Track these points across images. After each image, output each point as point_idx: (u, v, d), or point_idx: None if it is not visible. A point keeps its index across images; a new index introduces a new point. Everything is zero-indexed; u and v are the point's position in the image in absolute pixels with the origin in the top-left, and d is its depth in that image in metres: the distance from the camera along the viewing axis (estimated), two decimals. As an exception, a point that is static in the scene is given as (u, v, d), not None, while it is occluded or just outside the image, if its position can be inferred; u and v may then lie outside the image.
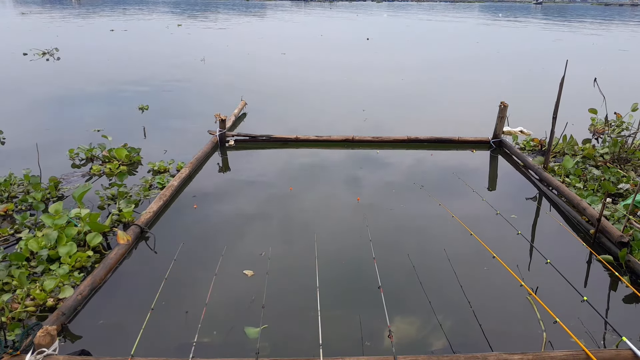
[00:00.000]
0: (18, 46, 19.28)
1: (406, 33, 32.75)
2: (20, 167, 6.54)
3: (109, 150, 7.33)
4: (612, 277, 4.59)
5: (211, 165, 7.56)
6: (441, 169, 7.51)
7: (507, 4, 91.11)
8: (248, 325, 3.82)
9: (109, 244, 5.04)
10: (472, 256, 4.86)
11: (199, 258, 4.82)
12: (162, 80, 14.07)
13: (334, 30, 33.61)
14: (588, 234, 5.38)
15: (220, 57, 19.19)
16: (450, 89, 13.89)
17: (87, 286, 4.12)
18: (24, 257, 4.45)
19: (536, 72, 16.49)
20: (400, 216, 5.88)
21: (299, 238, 5.29)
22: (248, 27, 34.18)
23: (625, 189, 6.39)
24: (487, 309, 4.15)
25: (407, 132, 8.64)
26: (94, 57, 18.26)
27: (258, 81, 14.41)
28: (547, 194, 6.48)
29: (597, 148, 7.86)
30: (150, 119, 10.03)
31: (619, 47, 24.43)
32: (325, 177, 7.12)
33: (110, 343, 3.67)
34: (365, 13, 55.96)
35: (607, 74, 14.57)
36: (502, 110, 8.25)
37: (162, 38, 25.18)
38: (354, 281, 4.48)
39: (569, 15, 53.53)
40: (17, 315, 3.84)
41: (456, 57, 20.14)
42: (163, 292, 4.03)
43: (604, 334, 3.84)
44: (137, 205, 5.91)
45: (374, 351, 3.58)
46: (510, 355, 3.32)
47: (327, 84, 14.30)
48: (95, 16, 38.73)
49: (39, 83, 13.46)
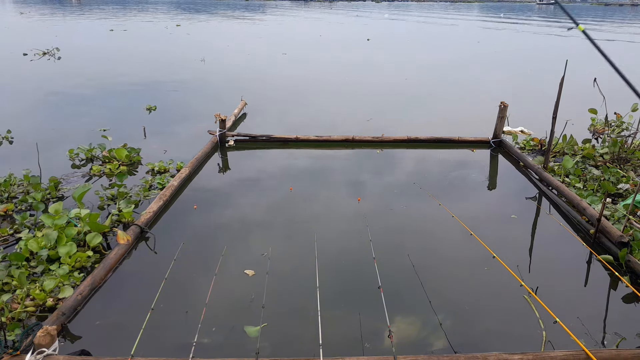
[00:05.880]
0: (18, 46, 19.26)
1: (407, 33, 32.76)
2: (20, 167, 6.54)
3: (109, 151, 7.33)
4: (612, 277, 4.59)
5: (211, 166, 7.56)
6: (441, 168, 7.51)
7: (507, 4, 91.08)
8: (248, 325, 3.82)
9: (108, 244, 5.04)
10: (472, 256, 4.86)
11: (199, 258, 4.82)
12: (162, 80, 14.06)
13: (334, 31, 33.60)
14: (588, 234, 5.38)
15: (220, 57, 19.18)
16: (450, 88, 13.88)
17: (87, 286, 4.12)
18: (23, 257, 4.45)
19: (537, 72, 16.49)
20: (401, 216, 5.88)
21: (299, 238, 5.29)
22: (248, 27, 34.17)
23: (625, 189, 6.39)
24: (487, 309, 4.16)
25: (407, 132, 8.65)
26: (94, 57, 18.26)
27: (258, 81, 14.40)
28: (547, 193, 6.48)
29: (597, 148, 7.86)
30: (150, 118, 10.03)
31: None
32: (325, 177, 7.12)
33: (110, 343, 3.67)
34: (366, 13, 55.96)
35: (607, 74, 14.55)
36: (502, 110, 8.25)
37: (162, 38, 25.18)
38: (354, 281, 4.48)
39: (578, 15, 53.24)
40: (17, 316, 3.84)
41: (456, 57, 20.13)
42: (163, 292, 4.03)
43: (604, 334, 3.83)
44: (137, 205, 5.90)
45: (374, 351, 3.58)
46: (510, 355, 3.32)
47: (327, 84, 14.29)
48: (95, 16, 38.73)
49: (41, 83, 13.45)
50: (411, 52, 22.64)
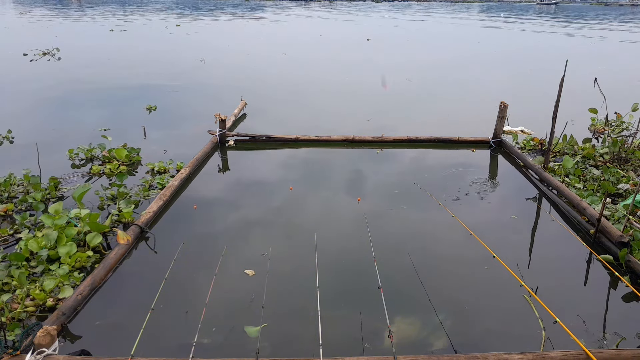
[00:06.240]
0: (18, 46, 19.27)
1: (406, 33, 32.75)
2: (20, 167, 6.54)
3: (109, 151, 7.33)
4: (612, 277, 4.59)
5: (211, 166, 7.56)
6: (441, 168, 7.50)
7: (507, 4, 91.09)
8: (248, 325, 3.82)
9: (108, 244, 5.04)
10: (472, 256, 4.86)
11: (199, 258, 4.82)
12: (162, 80, 14.05)
13: (334, 30, 33.60)
14: (588, 234, 5.38)
15: (220, 57, 19.19)
16: (450, 88, 13.88)
17: (87, 286, 4.12)
18: (23, 257, 4.45)
19: (537, 72, 16.48)
20: (400, 216, 5.88)
21: (299, 238, 5.29)
22: (248, 27, 34.18)
23: (625, 189, 6.39)
24: (487, 308, 4.16)
25: (407, 132, 8.65)
26: (94, 57, 18.26)
27: (258, 81, 14.41)
28: (547, 194, 6.48)
29: (597, 148, 7.86)
30: (150, 118, 10.03)
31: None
32: (325, 177, 7.12)
33: (110, 343, 3.67)
34: (366, 13, 55.96)
35: (607, 74, 14.56)
36: (502, 110, 8.25)
37: (162, 38, 25.19)
38: (354, 281, 4.48)
39: (579, 15, 53.57)
40: (17, 316, 3.84)
41: (456, 57, 20.13)
42: (163, 292, 4.03)
43: (604, 334, 3.83)
44: (137, 205, 5.90)
45: (374, 351, 3.58)
46: (510, 355, 3.32)
47: (327, 84, 14.30)
48: (95, 16, 38.74)
49: (41, 83, 13.45)
50: (411, 52, 22.64)
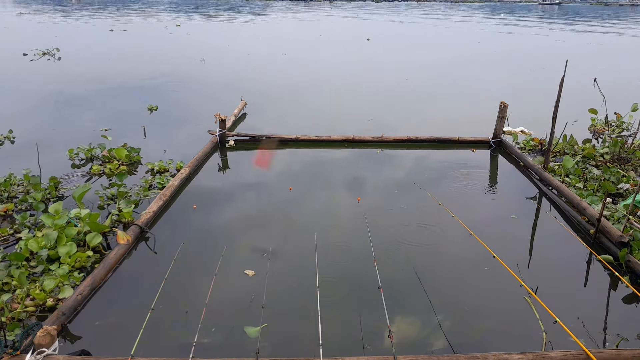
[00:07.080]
0: (18, 46, 19.26)
1: (407, 33, 32.75)
2: (20, 167, 6.53)
3: (109, 150, 7.33)
4: (612, 277, 4.59)
5: (211, 166, 7.56)
6: (441, 169, 7.50)
7: (507, 4, 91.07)
8: (248, 325, 3.82)
9: (108, 244, 5.04)
10: (472, 256, 4.86)
11: (199, 258, 4.82)
12: (162, 80, 14.06)
13: (334, 31, 33.60)
14: (588, 234, 5.38)
15: (220, 57, 19.19)
16: (450, 88, 13.88)
17: (87, 286, 4.12)
18: (23, 257, 4.45)
19: (537, 72, 16.48)
20: (400, 216, 5.88)
21: (299, 238, 5.29)
22: (248, 27, 34.17)
23: (625, 189, 6.39)
24: (487, 309, 4.16)
25: (407, 132, 8.64)
26: (94, 57, 18.26)
27: (258, 81, 14.41)
28: (547, 193, 6.48)
29: (597, 148, 7.86)
30: (151, 118, 10.03)
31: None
32: (325, 177, 7.12)
33: (110, 343, 3.67)
34: (366, 13, 55.95)
35: (607, 74, 14.56)
36: (502, 110, 8.25)
37: (162, 38, 25.19)
38: (354, 281, 4.48)
39: (582, 16, 53.44)
40: (17, 315, 3.84)
41: (456, 57, 20.13)
42: (163, 292, 4.02)
43: (604, 334, 3.83)
44: (137, 205, 5.90)
45: (374, 351, 3.58)
46: (510, 355, 3.32)
47: (327, 84, 14.29)
48: (95, 16, 38.73)
49: (41, 83, 13.45)
50: (411, 52, 22.63)
